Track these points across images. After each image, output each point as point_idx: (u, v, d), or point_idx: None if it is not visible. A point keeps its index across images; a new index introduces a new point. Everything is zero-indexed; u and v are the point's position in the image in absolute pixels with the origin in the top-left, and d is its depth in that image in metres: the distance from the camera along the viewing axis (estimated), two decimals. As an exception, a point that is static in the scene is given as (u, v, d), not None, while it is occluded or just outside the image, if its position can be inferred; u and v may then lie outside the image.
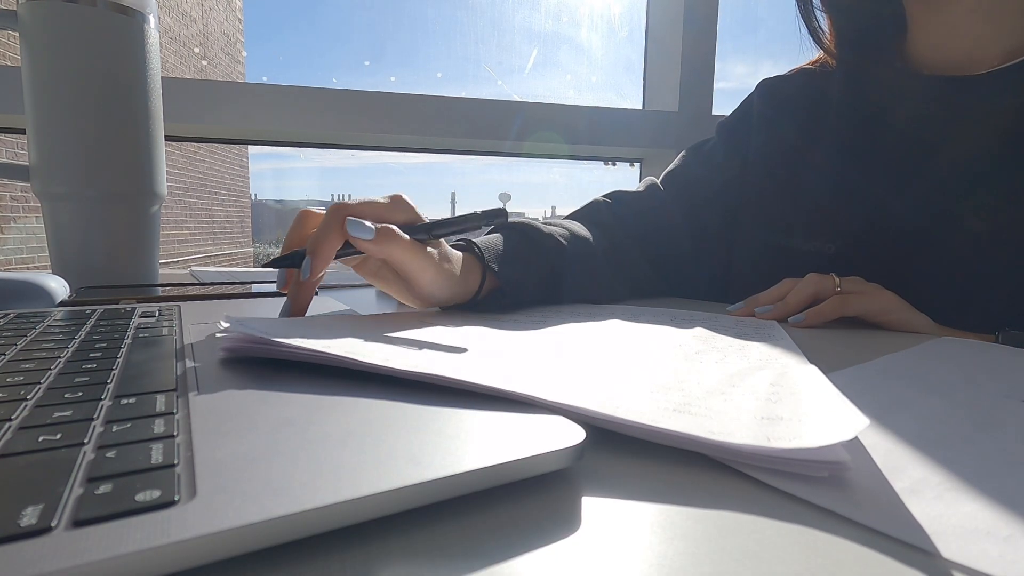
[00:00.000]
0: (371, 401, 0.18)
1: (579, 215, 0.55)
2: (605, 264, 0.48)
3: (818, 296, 0.40)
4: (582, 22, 1.32)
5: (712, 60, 0.98)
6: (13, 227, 2.61)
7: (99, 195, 0.47)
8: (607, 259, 0.49)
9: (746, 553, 0.13)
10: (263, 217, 6.87)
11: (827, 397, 0.20)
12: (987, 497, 0.15)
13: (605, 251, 0.49)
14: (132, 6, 0.47)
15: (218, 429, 0.15)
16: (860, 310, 0.39)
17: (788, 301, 0.40)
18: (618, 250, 0.51)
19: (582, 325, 0.34)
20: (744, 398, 0.20)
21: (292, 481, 0.13)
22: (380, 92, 0.84)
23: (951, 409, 0.21)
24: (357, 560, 0.12)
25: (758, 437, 0.16)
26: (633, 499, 0.15)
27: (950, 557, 0.12)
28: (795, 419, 0.18)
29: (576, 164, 1.03)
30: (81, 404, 0.17)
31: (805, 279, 0.41)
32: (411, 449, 0.14)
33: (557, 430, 0.16)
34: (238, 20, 6.23)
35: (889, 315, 0.39)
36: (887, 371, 0.27)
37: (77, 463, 0.13)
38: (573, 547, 0.13)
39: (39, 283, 0.40)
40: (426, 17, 4.31)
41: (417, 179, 9.81)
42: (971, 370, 0.27)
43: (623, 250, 0.52)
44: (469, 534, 0.13)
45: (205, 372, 0.21)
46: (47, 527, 0.10)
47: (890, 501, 0.15)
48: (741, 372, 0.24)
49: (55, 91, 0.46)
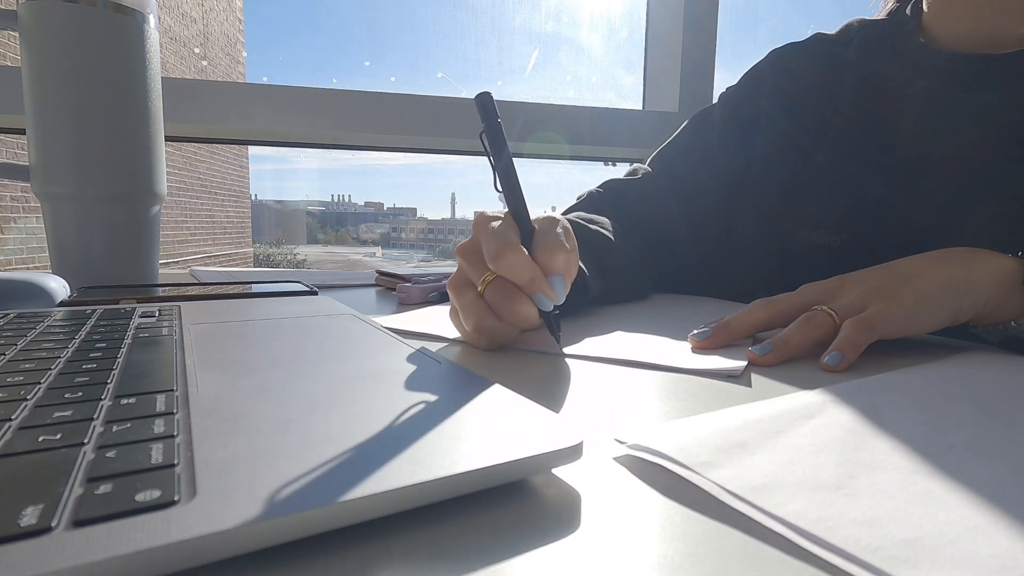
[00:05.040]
0: (371, 401, 0.18)
1: (584, 207, 0.54)
2: (640, 261, 0.48)
3: (823, 334, 0.31)
4: (582, 23, 1.33)
5: (712, 60, 0.98)
6: (13, 227, 2.61)
7: (99, 195, 0.47)
8: (640, 256, 0.49)
9: (746, 553, 0.13)
10: (263, 217, 6.89)
11: None
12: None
13: (632, 247, 0.49)
14: (132, 6, 0.47)
15: (218, 429, 0.15)
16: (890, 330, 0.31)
17: (790, 341, 0.31)
18: (632, 245, 0.50)
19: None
20: None
21: (292, 481, 0.13)
22: (380, 92, 0.84)
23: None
24: (357, 560, 0.12)
25: None
26: (633, 499, 0.15)
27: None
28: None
29: (576, 164, 1.03)
30: (81, 404, 0.17)
31: (796, 321, 0.32)
32: (411, 449, 0.14)
33: (557, 430, 0.16)
34: (238, 21, 6.24)
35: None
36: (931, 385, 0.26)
37: (77, 463, 0.13)
38: (573, 547, 0.13)
39: (39, 283, 0.40)
40: (426, 18, 4.33)
41: (417, 179, 9.83)
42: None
43: (635, 244, 0.51)
44: (469, 534, 0.13)
45: (205, 372, 0.21)
46: (47, 527, 0.10)
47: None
48: None
49: (55, 91, 0.46)
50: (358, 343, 0.27)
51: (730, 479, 0.15)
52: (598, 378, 0.27)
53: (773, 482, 0.15)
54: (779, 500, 0.14)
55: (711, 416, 0.20)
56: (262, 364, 0.23)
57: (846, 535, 0.13)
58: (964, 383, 0.25)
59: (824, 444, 0.18)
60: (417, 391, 0.19)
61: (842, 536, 0.13)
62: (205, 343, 0.26)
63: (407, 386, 0.20)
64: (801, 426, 0.19)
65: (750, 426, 0.19)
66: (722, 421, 0.20)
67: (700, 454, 0.17)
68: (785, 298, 0.35)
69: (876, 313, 0.31)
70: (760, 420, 0.20)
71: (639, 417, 0.22)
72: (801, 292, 0.35)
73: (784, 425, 0.19)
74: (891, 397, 0.23)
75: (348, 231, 24.20)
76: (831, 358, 0.29)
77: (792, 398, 0.22)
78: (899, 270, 0.34)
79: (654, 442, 0.17)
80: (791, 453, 0.17)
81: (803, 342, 0.31)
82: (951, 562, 0.12)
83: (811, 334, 0.31)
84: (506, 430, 0.16)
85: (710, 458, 0.17)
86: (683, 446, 0.17)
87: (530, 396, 0.19)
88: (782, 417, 0.20)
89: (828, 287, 0.35)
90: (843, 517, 0.13)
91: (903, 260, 0.35)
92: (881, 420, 0.20)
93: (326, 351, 0.25)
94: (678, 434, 0.18)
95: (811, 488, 0.15)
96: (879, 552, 0.12)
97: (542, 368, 0.28)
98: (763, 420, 0.20)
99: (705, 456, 0.17)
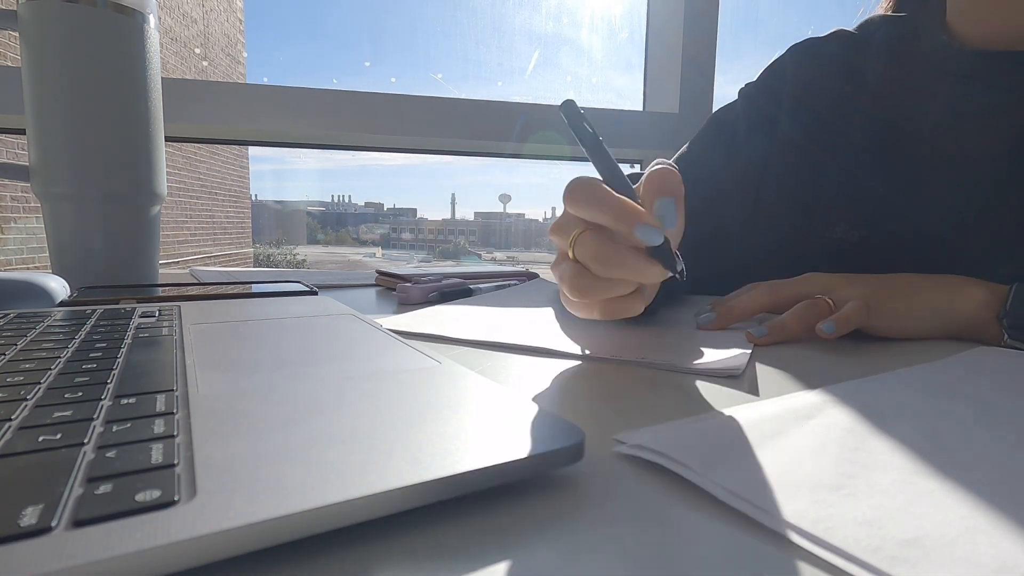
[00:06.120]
0: (371, 401, 0.18)
1: None
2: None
3: (817, 320, 0.34)
4: (582, 24, 1.33)
5: (712, 60, 0.98)
6: (13, 227, 2.61)
7: (99, 195, 0.47)
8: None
9: (746, 553, 0.13)
10: (263, 218, 6.89)
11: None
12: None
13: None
14: (132, 6, 0.47)
15: (218, 429, 0.15)
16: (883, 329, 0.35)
17: (788, 325, 0.34)
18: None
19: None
20: None
21: (292, 481, 0.13)
22: (380, 93, 0.84)
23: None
24: (357, 560, 0.12)
25: None
26: (633, 499, 0.15)
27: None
28: None
29: (577, 165, 1.03)
30: (81, 404, 0.17)
31: (796, 306, 0.35)
32: (411, 449, 0.14)
33: (557, 430, 0.16)
34: (239, 21, 6.24)
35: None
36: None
37: (77, 463, 0.13)
38: (573, 547, 0.13)
39: (39, 283, 0.40)
40: (426, 18, 4.34)
41: (417, 180, 9.85)
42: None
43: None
44: (469, 534, 0.13)
45: (205, 372, 0.21)
46: (47, 527, 0.10)
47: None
48: None
49: (55, 91, 0.46)
50: (358, 343, 0.27)
51: (730, 479, 0.15)
52: (598, 378, 0.27)
53: (773, 482, 0.15)
54: (779, 500, 0.14)
55: (711, 416, 0.20)
56: (262, 364, 0.23)
57: (846, 535, 0.13)
58: (964, 383, 0.25)
59: (824, 444, 0.18)
60: (417, 391, 0.19)
61: (842, 536, 0.13)
62: (205, 343, 0.26)
63: (407, 386, 0.20)
64: (801, 426, 0.19)
65: (750, 426, 0.19)
66: (722, 421, 0.20)
67: (700, 454, 0.17)
68: (788, 285, 0.38)
69: (873, 305, 0.34)
70: (760, 420, 0.20)
71: (639, 417, 0.22)
72: (804, 281, 0.38)
73: (784, 425, 0.19)
74: (891, 397, 0.23)
75: (348, 231, 24.21)
76: (827, 326, 0.33)
77: (792, 398, 0.22)
78: (896, 286, 0.37)
79: (654, 442, 0.17)
80: (791, 453, 0.17)
81: (800, 326, 0.34)
82: (951, 562, 0.12)
83: (810, 320, 0.34)
84: (506, 430, 0.16)
85: (710, 458, 0.17)
86: (683, 446, 0.17)
87: (531, 396, 0.19)
88: (782, 417, 0.20)
89: (831, 281, 0.37)
90: (843, 517, 0.13)
91: (902, 277, 0.38)
92: (881, 420, 0.20)
93: (326, 351, 0.25)
94: (678, 434, 0.18)
95: (811, 488, 0.15)
96: (879, 552, 0.12)
97: (542, 368, 0.28)
98: (763, 420, 0.20)
99: (705, 456, 0.17)
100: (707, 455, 0.17)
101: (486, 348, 0.33)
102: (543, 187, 10.20)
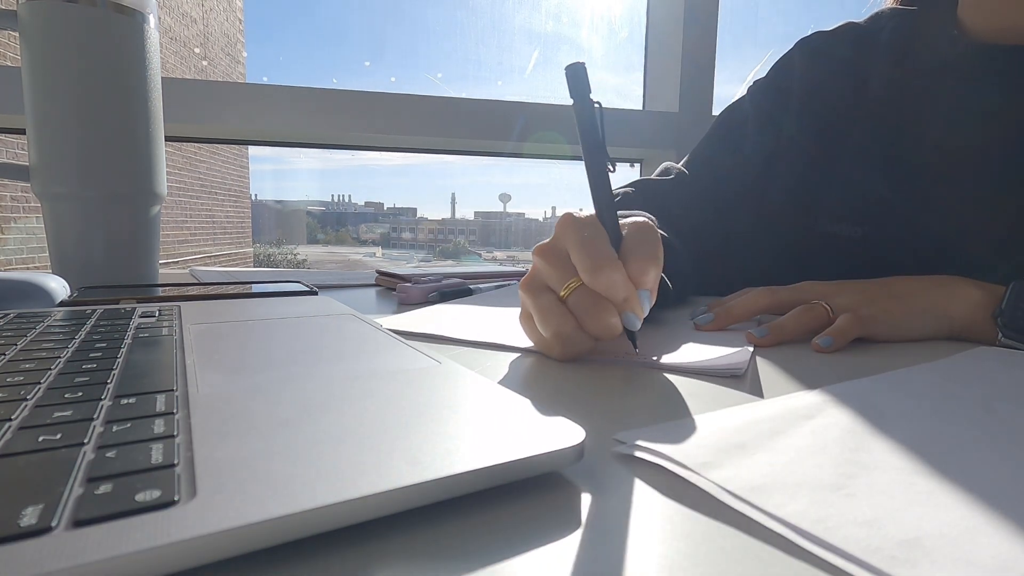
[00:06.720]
0: (371, 401, 0.18)
1: (623, 204, 0.53)
2: (695, 265, 0.48)
3: (819, 325, 0.35)
4: (582, 23, 1.33)
5: (712, 60, 0.98)
6: (13, 227, 2.61)
7: (99, 195, 0.47)
8: (695, 260, 0.48)
9: (746, 553, 0.13)
10: (263, 217, 6.89)
11: None
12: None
13: (689, 252, 0.48)
14: (132, 6, 0.47)
15: (218, 429, 0.15)
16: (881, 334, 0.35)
17: (786, 327, 0.35)
18: (688, 249, 0.49)
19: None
20: None
21: (292, 481, 0.13)
22: (380, 92, 0.84)
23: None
24: (357, 560, 0.12)
25: None
26: (633, 499, 0.15)
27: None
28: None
29: (577, 165, 1.03)
30: (81, 404, 0.17)
31: (794, 310, 0.36)
32: (410, 449, 0.14)
33: (557, 430, 0.16)
34: (238, 20, 6.24)
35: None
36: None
37: (77, 463, 0.13)
38: (573, 547, 0.13)
39: (39, 283, 0.40)
40: (426, 18, 4.34)
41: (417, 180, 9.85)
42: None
43: (689, 248, 0.50)
44: (469, 534, 0.13)
45: (205, 372, 0.21)
46: (47, 527, 0.10)
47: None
48: None
49: (55, 91, 0.46)
50: (358, 343, 0.27)
51: (730, 479, 0.15)
52: (598, 378, 0.27)
53: (773, 482, 0.15)
54: (779, 500, 0.14)
55: (711, 416, 0.20)
56: (262, 364, 0.23)
57: (846, 535, 0.13)
58: (964, 383, 0.25)
59: (824, 444, 0.18)
60: (417, 391, 0.19)
61: (842, 536, 0.13)
62: (205, 343, 0.26)
63: (407, 386, 0.20)
64: (801, 426, 0.19)
65: (750, 426, 0.19)
66: (722, 421, 0.20)
67: (700, 454, 0.17)
68: (787, 290, 0.38)
69: (868, 315, 0.35)
70: (760, 420, 0.20)
71: (639, 417, 0.22)
72: (802, 287, 0.38)
73: (784, 425, 0.19)
74: (891, 397, 0.23)
75: (348, 231, 24.19)
76: (824, 341, 0.33)
77: (792, 398, 0.22)
78: (893, 289, 0.37)
79: (654, 442, 0.17)
80: (791, 453, 0.17)
81: (799, 329, 0.35)
82: (951, 562, 0.12)
83: (808, 324, 0.35)
84: (506, 430, 0.16)
85: (710, 458, 0.17)
86: (683, 446, 0.17)
87: (531, 396, 0.19)
88: (782, 417, 0.20)
89: (828, 288, 0.38)
90: (843, 517, 0.13)
91: (896, 280, 0.38)
92: (881, 420, 0.20)
93: (326, 351, 0.25)
94: (678, 434, 0.18)
95: (811, 488, 0.15)
96: (879, 552, 0.12)
97: (542, 368, 0.28)
98: (763, 420, 0.20)
99: (705, 456, 0.17)
100: (706, 455, 0.17)
101: (486, 348, 0.33)
102: (543, 187, 10.06)
